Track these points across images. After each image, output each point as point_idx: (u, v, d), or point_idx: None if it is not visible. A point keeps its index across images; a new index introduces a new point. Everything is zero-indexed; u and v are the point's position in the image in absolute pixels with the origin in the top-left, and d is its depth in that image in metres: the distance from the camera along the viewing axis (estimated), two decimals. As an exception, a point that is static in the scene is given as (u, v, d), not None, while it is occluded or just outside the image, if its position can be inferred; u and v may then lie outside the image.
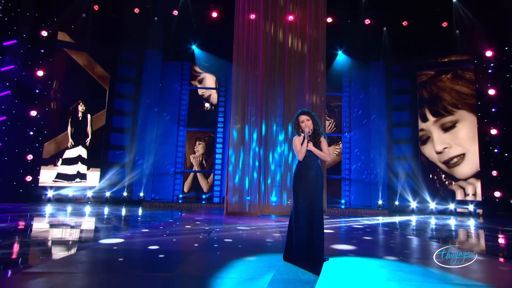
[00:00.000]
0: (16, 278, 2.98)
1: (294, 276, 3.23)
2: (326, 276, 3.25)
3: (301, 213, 3.73)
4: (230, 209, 9.24)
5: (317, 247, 3.71)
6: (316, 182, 3.84)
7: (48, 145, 12.43)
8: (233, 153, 9.50)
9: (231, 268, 3.42)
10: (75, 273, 3.12)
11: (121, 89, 13.53)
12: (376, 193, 13.59)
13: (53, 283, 2.84)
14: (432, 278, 3.28)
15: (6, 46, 11.87)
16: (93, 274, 3.14)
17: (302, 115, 4.01)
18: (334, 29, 13.21)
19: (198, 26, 13.57)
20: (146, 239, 5.12)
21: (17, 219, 7.29)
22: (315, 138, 3.95)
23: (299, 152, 3.88)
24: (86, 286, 2.85)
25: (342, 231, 6.87)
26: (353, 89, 14.74)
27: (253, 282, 3.02)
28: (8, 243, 4.62)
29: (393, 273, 3.52)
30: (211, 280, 2.97)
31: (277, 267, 3.57)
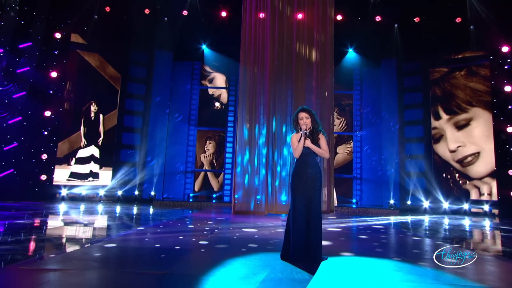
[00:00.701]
0: (11, 274, 3.06)
1: (288, 275, 3.21)
2: (321, 276, 3.23)
3: (299, 211, 3.71)
4: (238, 208, 9.26)
5: (314, 246, 3.69)
6: (314, 180, 3.80)
7: (62, 145, 12.71)
8: (240, 152, 9.53)
9: (226, 267, 3.43)
10: (69, 270, 3.19)
11: (132, 89, 13.71)
12: (388, 192, 13.39)
13: (44, 280, 2.91)
14: (426, 277, 3.22)
15: (22, 48, 12.20)
16: (86, 271, 3.20)
17: (302, 112, 3.98)
18: (344, 27, 13.11)
19: (208, 26, 13.65)
20: (145, 237, 5.18)
21: (35, 217, 7.49)
22: (314, 135, 3.92)
23: (296, 149, 3.85)
24: (77, 283, 2.90)
25: (349, 230, 6.80)
26: (364, 87, 14.55)
27: (245, 281, 3.02)
28: (23, 238, 4.75)
29: (391, 273, 3.47)
30: (202, 278, 2.98)
31: (273, 266, 3.56)
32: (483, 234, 7.55)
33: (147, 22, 13.11)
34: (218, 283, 2.90)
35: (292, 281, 3.05)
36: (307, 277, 3.15)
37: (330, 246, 4.89)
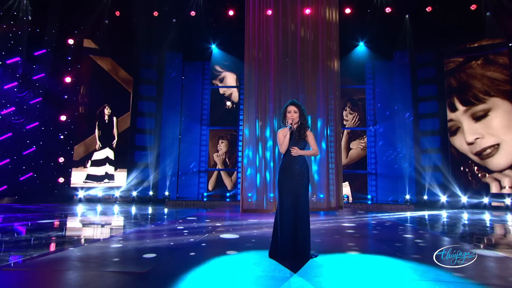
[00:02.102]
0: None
1: (269, 273, 3.19)
2: (303, 274, 3.18)
3: (286, 208, 3.66)
4: (246, 206, 9.26)
5: (302, 243, 3.64)
6: (301, 176, 3.75)
7: (78, 148, 13.07)
8: (247, 151, 9.52)
9: (210, 265, 3.43)
10: (56, 270, 3.27)
11: (144, 91, 13.96)
12: (404, 187, 13.09)
13: (26, 279, 3.00)
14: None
15: (37, 55, 12.62)
16: (70, 271, 3.27)
17: (291, 106, 3.92)
18: (353, 20, 12.90)
19: (216, 26, 13.72)
20: (143, 236, 5.26)
21: (63, 219, 7.74)
22: (301, 131, 3.85)
23: (282, 145, 3.80)
24: (58, 282, 2.97)
25: (354, 226, 6.69)
26: (376, 81, 14.26)
27: (224, 278, 3.01)
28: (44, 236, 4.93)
29: (377, 269, 3.39)
30: (181, 277, 3.00)
31: (259, 264, 3.54)
32: (506, 229, 7.26)
33: (156, 24, 13.29)
34: (196, 282, 2.91)
35: (272, 279, 3.02)
36: (288, 275, 3.11)
37: (323, 243, 4.82)
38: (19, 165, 12.33)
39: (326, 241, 5.01)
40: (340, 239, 5.26)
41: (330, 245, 4.70)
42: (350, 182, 14.13)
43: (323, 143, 9.50)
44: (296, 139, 3.82)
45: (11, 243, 4.88)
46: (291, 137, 3.83)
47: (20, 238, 5.23)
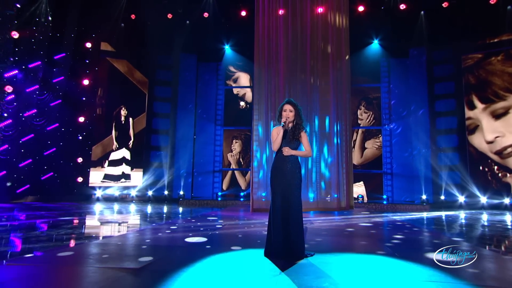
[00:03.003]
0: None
1: (259, 271, 3.22)
2: (293, 272, 3.20)
3: (278, 207, 3.69)
4: (256, 205, 9.30)
5: (295, 243, 3.65)
6: (293, 175, 3.76)
7: (96, 148, 13.46)
8: (257, 150, 9.57)
9: (203, 263, 3.49)
10: (55, 265, 3.42)
11: (159, 92, 14.22)
12: (420, 187, 12.80)
13: (21, 274, 3.15)
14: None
15: (57, 59, 13.06)
16: (68, 267, 3.41)
17: (287, 105, 3.93)
18: (367, 18, 12.75)
19: (229, 26, 13.83)
20: (146, 235, 5.38)
21: (80, 216, 8.04)
22: (295, 131, 3.86)
23: (274, 142, 3.81)
24: (52, 279, 3.10)
25: (358, 226, 6.62)
26: (392, 79, 14.00)
27: (213, 276, 3.07)
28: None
29: (371, 269, 3.36)
30: (171, 274, 3.07)
31: (252, 262, 3.58)
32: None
33: (171, 26, 13.52)
34: (185, 279, 2.97)
35: (260, 276, 3.05)
36: (277, 273, 3.14)
37: (322, 242, 4.81)
38: (40, 165, 12.80)
39: (324, 241, 4.99)
40: (340, 239, 5.22)
41: (328, 245, 4.68)
42: (365, 182, 13.98)
43: (335, 140, 9.43)
44: (289, 138, 3.83)
45: (27, 239, 5.10)
46: (285, 136, 3.84)
47: (33, 235, 5.45)
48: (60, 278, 3.10)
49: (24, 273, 3.18)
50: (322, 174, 9.37)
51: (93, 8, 12.90)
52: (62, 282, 3.02)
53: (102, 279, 2.99)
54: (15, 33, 11.04)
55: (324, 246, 4.57)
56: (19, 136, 12.28)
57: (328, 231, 5.90)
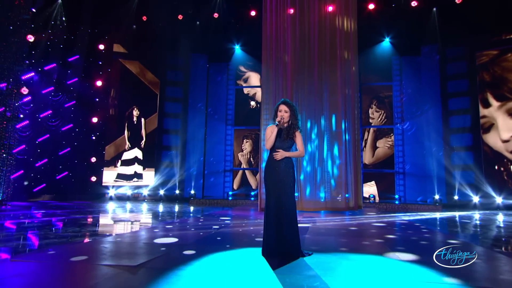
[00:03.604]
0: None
1: (250, 270, 3.25)
2: (284, 271, 3.21)
3: (271, 207, 3.70)
4: (264, 206, 9.30)
5: (289, 242, 3.65)
6: (286, 174, 3.77)
7: (109, 148, 13.72)
8: (265, 149, 9.57)
9: (200, 262, 3.54)
10: (57, 261, 3.53)
11: (171, 92, 14.40)
12: (433, 187, 12.58)
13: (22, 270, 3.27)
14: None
15: (71, 61, 13.38)
16: (67, 263, 3.51)
17: (283, 105, 3.94)
18: (378, 15, 12.61)
19: (239, 27, 13.90)
20: (149, 234, 5.48)
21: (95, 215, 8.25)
22: (289, 131, 3.86)
23: (268, 141, 3.83)
24: (53, 275, 3.20)
25: (362, 227, 6.56)
26: (404, 77, 13.79)
27: (207, 275, 3.11)
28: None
29: (365, 268, 3.34)
30: (167, 272, 3.13)
31: (247, 262, 3.61)
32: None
33: (181, 27, 13.65)
34: (180, 278, 3.02)
35: (251, 274, 3.08)
36: (268, 272, 3.16)
37: (321, 242, 4.79)
38: (56, 164, 13.15)
39: (324, 240, 4.97)
40: (340, 239, 5.19)
41: (328, 245, 4.66)
42: (376, 182, 13.83)
43: (343, 139, 9.36)
44: (283, 138, 3.84)
45: (38, 236, 5.27)
46: (280, 135, 3.85)
47: (46, 232, 5.62)
48: (59, 274, 3.19)
49: (26, 270, 3.29)
50: (330, 173, 9.32)
51: (106, 11, 13.15)
52: (61, 278, 3.11)
53: (100, 275, 3.07)
54: (30, 37, 11.35)
55: (324, 245, 4.56)
56: (35, 137, 12.64)
57: (330, 231, 5.87)
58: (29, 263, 3.49)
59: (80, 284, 2.92)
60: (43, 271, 3.26)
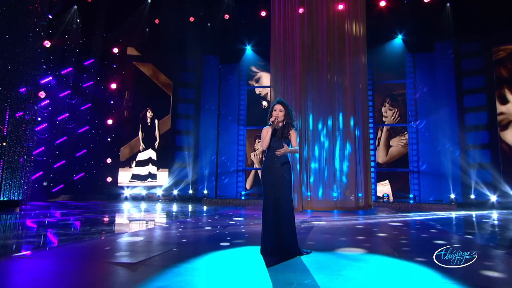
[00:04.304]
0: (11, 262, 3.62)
1: (244, 268, 3.30)
2: (277, 269, 3.25)
3: (269, 205, 3.74)
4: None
5: (287, 240, 3.69)
6: (283, 173, 3.80)
7: (124, 149, 14.02)
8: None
9: (198, 260, 3.61)
10: (56, 259, 3.68)
11: (183, 94, 14.60)
12: (449, 186, 12.33)
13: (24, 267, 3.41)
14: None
15: (86, 65, 13.74)
16: (70, 260, 3.64)
17: (278, 105, 3.98)
18: (389, 12, 12.47)
19: (250, 27, 13.98)
20: (155, 232, 5.60)
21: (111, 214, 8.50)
22: (284, 130, 3.89)
23: (263, 141, 3.87)
24: (54, 271, 3.33)
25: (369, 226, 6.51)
26: (418, 75, 13.56)
27: (203, 271, 3.18)
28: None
29: (359, 267, 3.34)
30: (165, 269, 3.22)
31: (243, 259, 3.67)
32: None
33: (193, 29, 13.83)
34: (175, 274, 3.10)
35: (244, 271, 3.13)
36: (262, 269, 3.20)
37: (324, 240, 4.79)
38: (73, 165, 13.53)
39: (326, 239, 4.97)
40: (342, 238, 5.17)
41: (329, 244, 4.66)
42: (390, 181, 13.66)
43: (352, 139, 9.30)
44: (278, 137, 3.87)
45: (54, 233, 5.46)
46: (275, 135, 3.89)
47: (62, 230, 5.82)
48: (61, 271, 3.32)
49: (30, 266, 3.44)
50: (340, 173, 9.27)
51: (119, 15, 13.45)
52: (63, 275, 3.23)
53: (99, 273, 3.19)
54: (47, 42, 11.72)
55: (324, 244, 4.57)
56: (53, 139, 13.03)
57: (334, 230, 5.86)
58: (35, 260, 3.64)
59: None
60: (46, 267, 3.40)
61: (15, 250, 4.33)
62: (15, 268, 3.37)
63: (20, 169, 11.16)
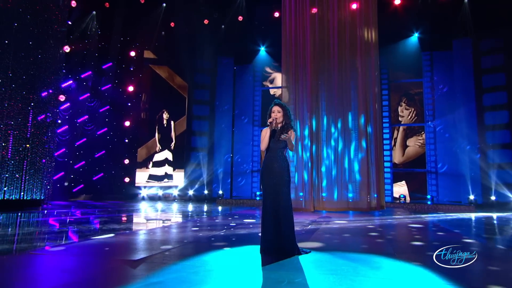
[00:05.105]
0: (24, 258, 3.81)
1: (243, 265, 3.36)
2: (272, 267, 3.29)
3: (268, 205, 3.79)
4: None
5: (285, 240, 3.72)
6: (282, 173, 3.84)
7: (141, 150, 14.35)
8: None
9: (197, 258, 3.70)
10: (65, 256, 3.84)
11: (198, 95, 14.81)
12: (468, 187, 12.01)
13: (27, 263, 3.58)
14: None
15: (105, 68, 14.13)
16: (77, 256, 3.80)
17: (275, 106, 4.05)
18: (404, 10, 12.27)
19: (264, 28, 14.03)
20: (163, 231, 5.72)
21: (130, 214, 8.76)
22: (283, 131, 3.94)
23: (262, 142, 3.93)
24: (57, 267, 3.49)
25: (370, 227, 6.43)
26: (435, 73, 13.28)
27: (200, 269, 3.26)
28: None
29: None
30: (163, 266, 3.33)
31: (241, 258, 3.73)
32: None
33: (207, 31, 14.02)
34: (170, 271, 3.20)
35: (238, 269, 3.19)
36: (257, 268, 3.25)
37: (326, 241, 4.79)
38: (92, 166, 13.94)
39: (328, 240, 4.96)
40: (346, 238, 5.15)
41: (331, 244, 4.65)
42: (407, 181, 13.42)
43: (364, 138, 9.22)
44: (277, 138, 3.92)
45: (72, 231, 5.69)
46: (273, 136, 3.94)
47: (78, 228, 6.05)
48: (63, 267, 3.47)
49: (38, 262, 3.61)
50: (351, 173, 9.20)
51: (136, 19, 13.79)
52: (64, 270, 3.38)
53: (99, 270, 3.32)
54: (66, 47, 12.13)
55: (326, 244, 4.57)
56: (73, 140, 13.47)
57: (339, 230, 5.84)
58: (46, 256, 3.82)
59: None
60: (52, 264, 3.56)
61: (17, 250, 4.54)
62: (16, 264, 3.55)
63: (42, 170, 11.61)
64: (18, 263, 3.53)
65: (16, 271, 3.24)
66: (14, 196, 10.51)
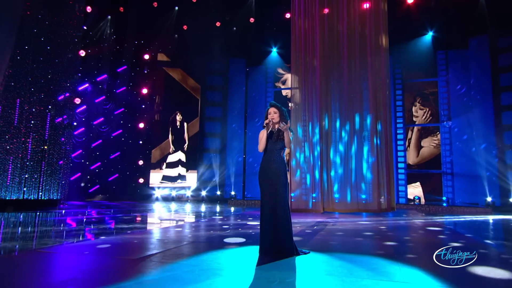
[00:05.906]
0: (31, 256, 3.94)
1: (238, 264, 3.39)
2: (268, 267, 3.30)
3: (265, 206, 3.80)
4: (294, 206, 9.35)
5: (282, 240, 3.73)
6: (278, 174, 3.85)
7: (155, 152, 14.58)
8: (295, 150, 9.60)
9: (195, 258, 3.75)
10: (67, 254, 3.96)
11: (211, 97, 14.95)
12: (485, 188, 11.68)
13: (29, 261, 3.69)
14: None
15: (119, 71, 14.44)
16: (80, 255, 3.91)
17: (271, 108, 4.06)
18: (418, 8, 12.08)
19: (276, 30, 14.05)
20: (169, 231, 5.80)
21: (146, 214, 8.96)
22: (280, 132, 3.95)
23: (260, 143, 3.96)
24: (55, 265, 3.60)
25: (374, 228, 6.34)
26: (450, 72, 12.98)
27: (195, 268, 3.31)
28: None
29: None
30: (161, 265, 3.39)
31: (237, 258, 3.76)
32: None
33: (220, 34, 14.15)
34: (168, 270, 3.25)
35: (233, 268, 3.22)
36: (252, 267, 3.27)
37: (327, 242, 4.76)
38: (107, 167, 14.25)
39: (329, 240, 4.93)
40: (347, 239, 5.11)
41: (332, 245, 4.63)
42: (422, 183, 13.17)
43: (375, 139, 9.11)
44: (274, 139, 3.94)
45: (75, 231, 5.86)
46: (271, 137, 3.95)
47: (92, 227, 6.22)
48: (61, 264, 3.58)
49: (41, 259, 3.73)
50: (362, 174, 9.10)
51: (149, 23, 14.04)
52: (60, 267, 3.49)
53: (96, 268, 3.41)
54: (82, 52, 12.47)
55: (327, 246, 4.55)
56: (89, 142, 13.82)
57: (344, 231, 5.78)
58: (49, 254, 3.94)
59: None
60: (55, 261, 3.68)
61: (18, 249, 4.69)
62: (16, 262, 3.68)
63: (59, 171, 11.95)
64: (27, 260, 3.66)
65: (24, 268, 3.37)
66: (33, 196, 10.88)
